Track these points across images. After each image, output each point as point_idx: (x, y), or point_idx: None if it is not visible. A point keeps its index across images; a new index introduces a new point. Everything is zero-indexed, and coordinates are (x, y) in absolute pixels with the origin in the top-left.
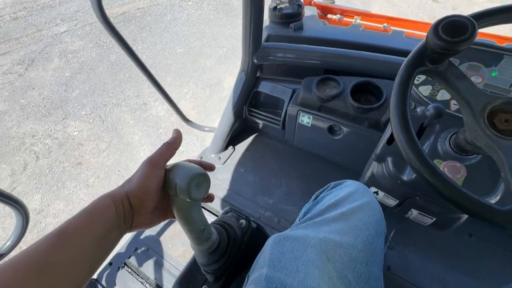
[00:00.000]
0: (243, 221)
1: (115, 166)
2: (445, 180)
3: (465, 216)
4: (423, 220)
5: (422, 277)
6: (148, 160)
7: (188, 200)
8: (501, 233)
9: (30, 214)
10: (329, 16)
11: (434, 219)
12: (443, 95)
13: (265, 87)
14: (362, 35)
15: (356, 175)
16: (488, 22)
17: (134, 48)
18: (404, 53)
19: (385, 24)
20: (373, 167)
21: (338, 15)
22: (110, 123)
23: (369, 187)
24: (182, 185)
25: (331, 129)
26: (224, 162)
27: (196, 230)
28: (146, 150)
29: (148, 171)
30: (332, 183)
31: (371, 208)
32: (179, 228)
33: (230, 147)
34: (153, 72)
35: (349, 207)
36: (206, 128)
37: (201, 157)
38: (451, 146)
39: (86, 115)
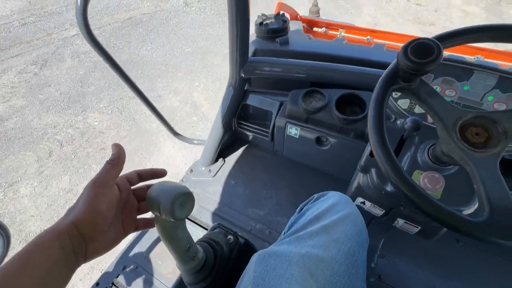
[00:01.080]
0: (230, 237)
1: (136, 150)
2: (421, 194)
3: None
4: (409, 229)
5: (413, 285)
6: (92, 182)
7: (172, 220)
8: None
9: (61, 193)
10: (315, 29)
11: (420, 227)
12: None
13: (253, 100)
14: (345, 48)
15: (345, 184)
16: (452, 43)
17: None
18: (385, 66)
19: (368, 37)
20: (359, 178)
21: (324, 28)
22: (127, 113)
23: (356, 197)
24: (166, 205)
25: (318, 140)
26: (215, 175)
27: (181, 249)
28: (165, 135)
29: (95, 193)
30: (316, 195)
31: (352, 219)
32: None
33: (220, 160)
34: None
35: (331, 220)
36: (195, 141)
37: (191, 170)
38: (430, 157)
39: (104, 107)
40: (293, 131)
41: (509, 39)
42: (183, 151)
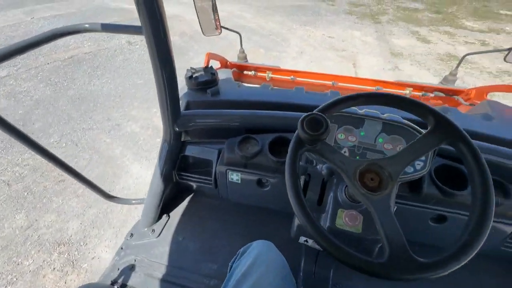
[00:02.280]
0: None
1: (102, 176)
2: (335, 245)
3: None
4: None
5: None
6: None
7: None
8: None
9: (17, 232)
10: (245, 72)
11: None
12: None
13: (192, 151)
14: (271, 94)
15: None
16: (334, 111)
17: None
18: (305, 108)
19: (292, 76)
20: (296, 220)
21: (253, 71)
22: (85, 144)
23: (299, 236)
24: None
25: (259, 182)
26: (159, 234)
27: None
28: (131, 158)
29: None
30: (241, 250)
31: (275, 267)
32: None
33: (164, 216)
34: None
35: (256, 276)
36: (133, 201)
37: (132, 234)
38: (347, 196)
39: (55, 141)
40: (235, 176)
41: (376, 103)
42: (152, 169)
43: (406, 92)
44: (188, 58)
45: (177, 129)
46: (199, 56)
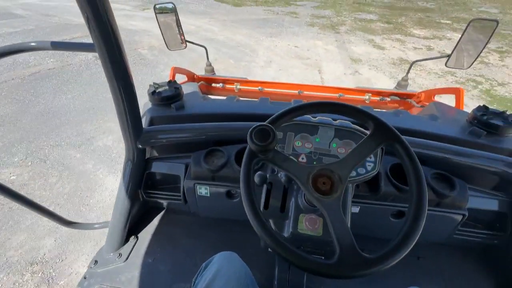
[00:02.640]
0: None
1: (74, 192)
2: (285, 248)
3: None
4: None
5: None
6: None
7: None
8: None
9: None
10: (213, 85)
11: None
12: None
13: (158, 167)
14: (237, 105)
15: None
16: (282, 122)
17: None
18: (269, 118)
19: (260, 87)
20: None
21: (221, 84)
22: (54, 161)
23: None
24: None
25: (229, 194)
26: (127, 259)
27: None
28: (104, 172)
29: None
30: (204, 264)
31: (237, 278)
32: None
33: (132, 238)
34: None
35: None
36: (96, 225)
37: (96, 261)
38: (306, 201)
39: (21, 160)
40: (203, 190)
41: (321, 111)
42: None
43: (366, 98)
44: (159, 71)
45: (140, 146)
46: (170, 68)
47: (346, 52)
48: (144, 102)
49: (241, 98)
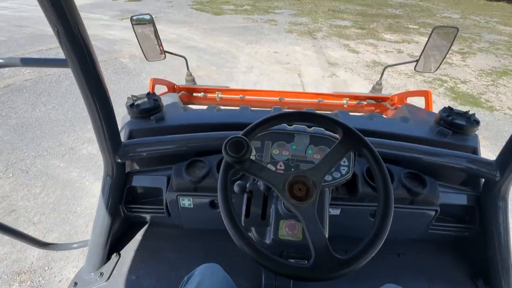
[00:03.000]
0: None
1: (59, 201)
2: (263, 255)
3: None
4: (303, 263)
5: None
6: None
7: None
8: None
9: None
10: (194, 94)
11: (312, 259)
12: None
13: (139, 181)
14: (217, 115)
15: None
16: (256, 133)
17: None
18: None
19: (241, 95)
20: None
21: (202, 93)
22: (36, 171)
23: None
24: None
25: (212, 204)
26: (109, 277)
27: None
28: (90, 179)
29: None
30: (186, 278)
31: None
32: None
33: (114, 255)
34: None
35: None
36: (75, 245)
37: (76, 283)
38: (285, 207)
39: (0, 172)
40: (186, 202)
41: (293, 121)
42: None
43: (344, 102)
44: (142, 79)
45: (119, 160)
46: (153, 76)
47: (324, 57)
48: (122, 115)
49: (222, 107)
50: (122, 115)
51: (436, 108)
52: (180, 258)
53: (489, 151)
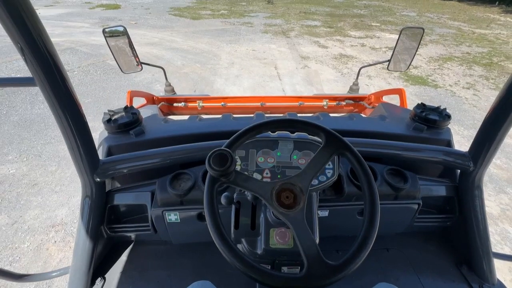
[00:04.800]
0: None
1: (76, 175)
2: (254, 269)
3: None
4: (295, 271)
5: None
6: None
7: None
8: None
9: (3, 229)
10: (175, 104)
11: (301, 266)
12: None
13: (121, 199)
14: (199, 125)
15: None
16: (240, 143)
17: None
18: (233, 134)
19: (222, 103)
20: (239, 247)
21: (183, 103)
22: (48, 155)
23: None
24: None
25: (200, 217)
26: None
27: None
28: None
29: None
30: None
31: None
32: None
33: (98, 280)
34: None
35: None
36: (54, 273)
37: None
38: (274, 215)
39: (15, 157)
40: (173, 216)
41: (276, 129)
42: None
43: (324, 104)
44: (131, 77)
45: (98, 179)
46: (142, 73)
47: (297, 52)
48: (99, 131)
49: (204, 116)
50: (99, 132)
51: (409, 104)
52: (170, 276)
53: None
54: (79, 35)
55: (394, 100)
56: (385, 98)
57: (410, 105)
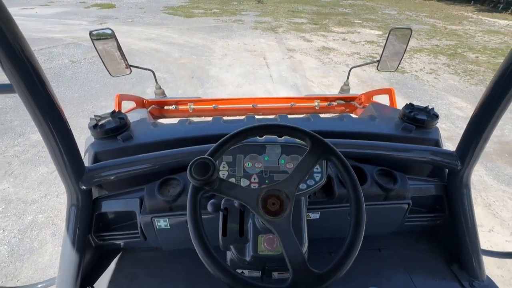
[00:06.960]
0: None
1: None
2: (239, 280)
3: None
4: (284, 277)
5: None
6: None
7: None
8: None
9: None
10: (166, 107)
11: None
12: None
13: (108, 206)
14: (189, 129)
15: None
16: (222, 152)
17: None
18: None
19: (214, 105)
20: (227, 254)
21: (174, 105)
22: (71, 127)
23: (234, 270)
24: None
25: None
26: None
27: None
28: None
29: None
30: None
31: None
32: None
33: None
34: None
35: None
36: (39, 286)
37: None
38: (262, 222)
39: None
40: (162, 223)
41: (261, 134)
42: None
43: (315, 104)
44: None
45: (83, 187)
46: (143, 65)
47: (284, 45)
48: (85, 137)
49: (194, 119)
50: (85, 138)
51: (399, 103)
52: (161, 283)
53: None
54: (79, 31)
55: (383, 99)
56: (377, 97)
57: (399, 104)
